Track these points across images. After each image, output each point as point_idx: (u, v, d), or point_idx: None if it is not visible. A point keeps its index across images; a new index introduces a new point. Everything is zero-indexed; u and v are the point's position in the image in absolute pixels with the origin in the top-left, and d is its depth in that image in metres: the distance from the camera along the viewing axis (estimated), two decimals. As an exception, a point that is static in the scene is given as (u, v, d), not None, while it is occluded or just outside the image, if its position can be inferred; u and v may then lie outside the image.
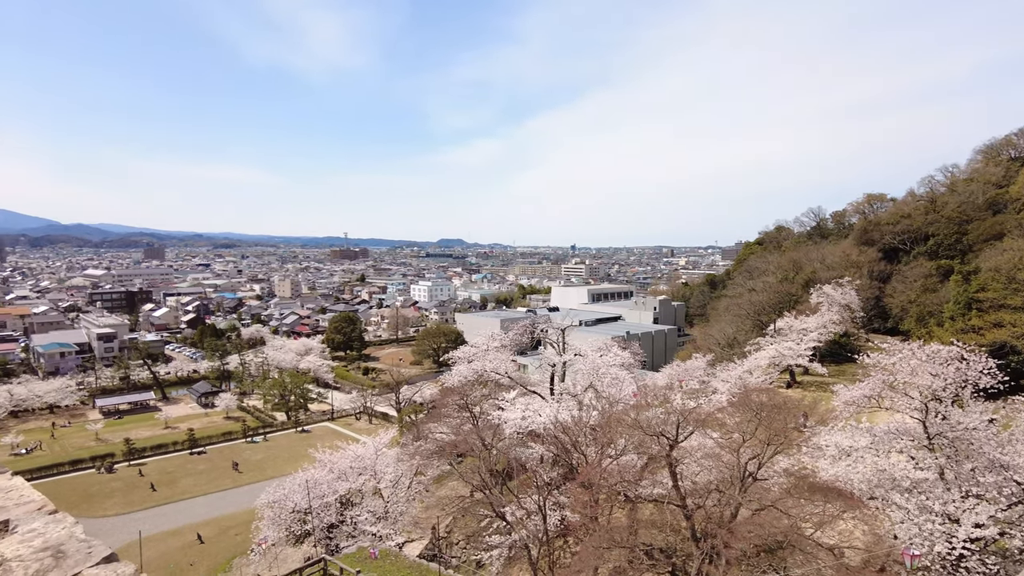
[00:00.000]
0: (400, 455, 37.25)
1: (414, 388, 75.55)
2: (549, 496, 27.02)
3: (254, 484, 51.37)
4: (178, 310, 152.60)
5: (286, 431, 74.11)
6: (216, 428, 73.73)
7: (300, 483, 35.03)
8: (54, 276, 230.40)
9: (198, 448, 65.79)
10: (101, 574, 3.60)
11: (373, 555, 25.93)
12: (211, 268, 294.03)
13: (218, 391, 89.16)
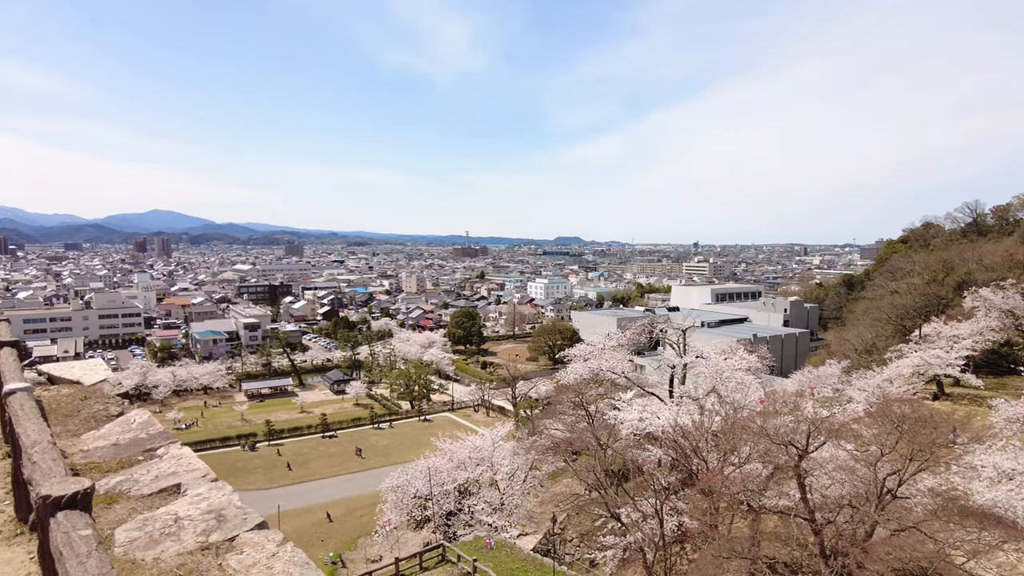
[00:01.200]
0: (516, 449, 37.67)
1: (530, 384, 76.19)
2: (667, 500, 26.31)
3: (379, 469, 53.90)
4: (315, 303, 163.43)
5: (410, 419, 77.23)
6: (346, 414, 78.21)
7: (422, 470, 36.36)
8: (209, 270, 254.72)
9: (330, 432, 70.05)
10: (255, 539, 3.93)
11: (489, 545, 26.43)
12: (345, 264, 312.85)
13: (349, 379, 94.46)
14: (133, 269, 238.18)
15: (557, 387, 51.73)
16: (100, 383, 8.73)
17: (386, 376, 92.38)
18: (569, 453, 33.27)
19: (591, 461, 29.29)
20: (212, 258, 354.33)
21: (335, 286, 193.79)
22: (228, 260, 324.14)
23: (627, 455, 32.25)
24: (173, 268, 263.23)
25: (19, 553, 4.32)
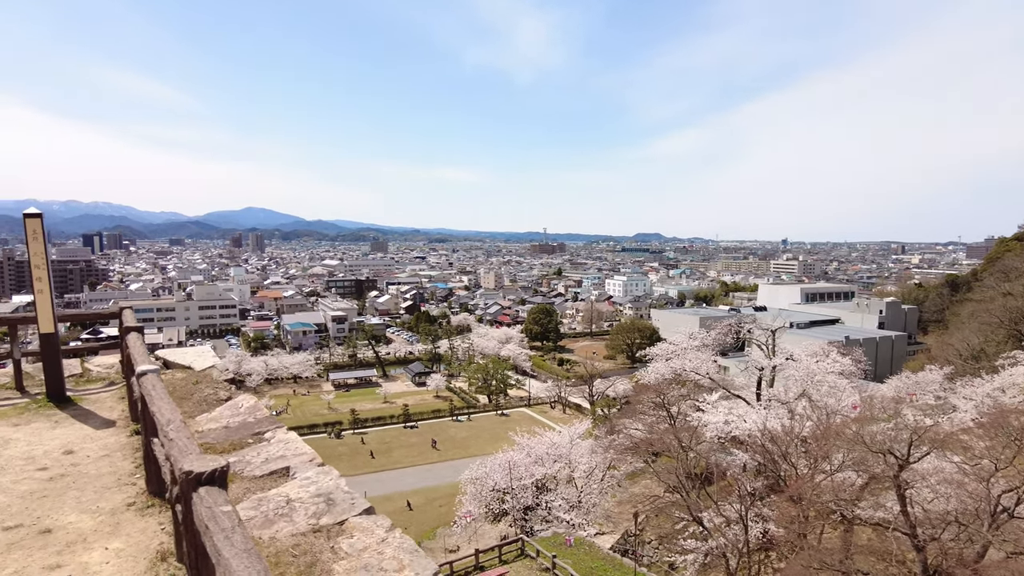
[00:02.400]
0: (594, 447, 37.38)
1: (607, 382, 75.41)
2: (751, 506, 25.46)
3: (457, 460, 54.81)
4: (398, 297, 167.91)
5: (487, 413, 78.11)
6: (427, 405, 79.99)
7: (501, 463, 36.68)
8: (299, 265, 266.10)
9: (411, 423, 71.86)
10: (365, 523, 4.09)
11: (568, 542, 26.40)
12: (426, 260, 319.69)
13: (429, 372, 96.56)
14: (230, 263, 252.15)
15: (636, 386, 50.95)
16: (209, 369, 9.29)
17: (465, 370, 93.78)
18: (649, 454, 32.75)
19: (672, 463, 28.71)
20: (302, 253, 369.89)
21: (417, 281, 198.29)
22: (317, 255, 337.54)
23: (710, 458, 31.41)
24: (266, 263, 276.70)
25: (151, 523, 4.66)
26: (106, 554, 4.23)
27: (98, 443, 6.48)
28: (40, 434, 6.79)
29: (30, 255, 7.61)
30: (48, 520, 4.74)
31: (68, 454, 6.17)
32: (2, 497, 5.15)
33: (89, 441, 6.54)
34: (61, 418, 7.37)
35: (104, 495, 5.18)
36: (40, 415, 7.48)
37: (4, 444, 6.47)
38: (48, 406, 7.78)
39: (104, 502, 5.04)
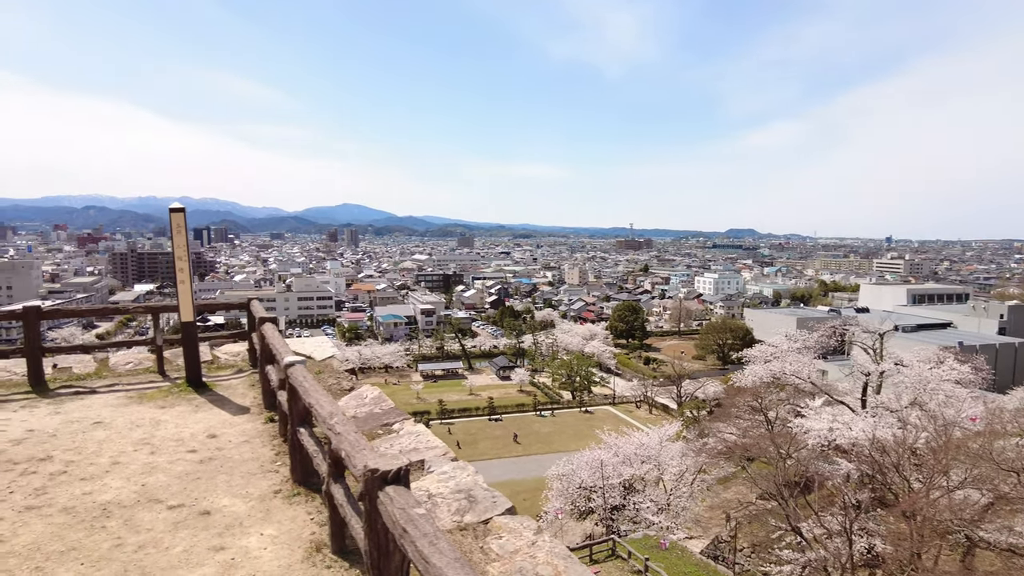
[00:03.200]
0: (685, 450, 36.45)
1: (696, 383, 73.27)
2: (856, 519, 24.03)
3: (541, 455, 54.81)
4: (483, 292, 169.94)
5: (571, 409, 77.69)
6: (511, 399, 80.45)
7: (588, 461, 36.34)
8: (391, 259, 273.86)
9: (495, 415, 72.53)
10: (511, 524, 4.01)
11: (663, 545, 25.83)
12: (511, 256, 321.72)
13: (513, 366, 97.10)
14: (326, 257, 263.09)
15: (728, 388, 49.24)
16: (329, 359, 9.59)
17: (548, 365, 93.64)
18: (743, 459, 31.57)
19: (767, 469, 27.54)
20: (394, 248, 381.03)
21: (502, 276, 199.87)
22: (407, 250, 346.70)
23: (810, 466, 29.91)
24: (360, 257, 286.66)
25: (300, 512, 4.80)
26: (262, 540, 4.39)
27: (236, 428, 6.81)
28: (185, 417, 7.22)
29: (174, 247, 8.10)
30: (205, 502, 4.99)
31: (212, 438, 6.50)
32: (162, 477, 5.48)
33: (228, 426, 6.88)
34: (200, 402, 7.81)
35: (251, 481, 5.41)
36: (182, 399, 7.96)
37: (155, 425, 6.91)
38: (188, 390, 8.27)
39: (252, 488, 5.25)
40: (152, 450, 6.14)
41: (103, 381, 8.91)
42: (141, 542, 4.37)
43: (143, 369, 9.56)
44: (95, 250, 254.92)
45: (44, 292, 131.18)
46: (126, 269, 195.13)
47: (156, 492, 5.18)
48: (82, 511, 4.84)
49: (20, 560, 4.16)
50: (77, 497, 5.08)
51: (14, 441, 6.40)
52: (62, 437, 6.51)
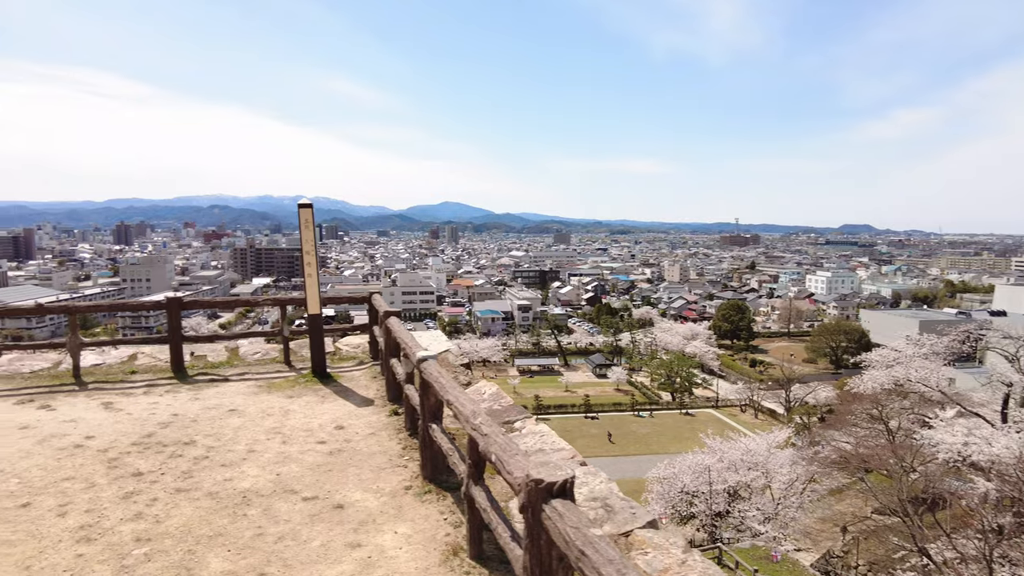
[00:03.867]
0: (795, 457, 34.58)
1: (806, 388, 69.38)
2: (997, 545, 21.79)
3: (639, 456, 53.70)
4: (579, 289, 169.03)
5: (670, 411, 75.70)
6: (607, 397, 79.43)
7: (691, 465, 35.22)
8: (488, 256, 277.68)
9: (591, 413, 71.80)
10: (655, 539, 3.69)
11: (775, 558, 24.57)
12: (608, 252, 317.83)
13: (610, 364, 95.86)
14: (428, 253, 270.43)
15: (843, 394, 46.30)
16: (444, 353, 9.61)
17: (647, 364, 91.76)
18: (858, 470, 29.49)
19: (887, 482, 25.55)
20: (492, 244, 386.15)
21: (598, 273, 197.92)
22: (505, 247, 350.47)
23: (940, 482, 27.48)
24: (459, 253, 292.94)
25: (432, 511, 4.72)
26: (396, 538, 4.33)
27: (362, 420, 6.89)
28: (312, 407, 7.40)
29: (302, 241, 8.36)
30: (338, 495, 5.02)
31: (339, 429, 6.61)
32: (295, 467, 5.59)
33: (354, 418, 6.98)
34: (326, 393, 8.01)
35: (381, 475, 5.41)
36: (309, 389, 8.20)
37: (285, 415, 7.12)
38: (314, 381, 8.52)
39: (382, 482, 5.25)
40: (284, 439, 6.30)
41: (235, 369, 9.36)
42: (280, 533, 4.43)
43: (270, 359, 9.97)
44: (219, 245, 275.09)
45: (176, 284, 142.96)
46: (245, 263, 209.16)
47: (290, 482, 5.28)
48: (224, 497, 4.99)
49: (175, 541, 4.31)
50: (219, 483, 5.26)
51: (162, 424, 6.78)
52: (202, 423, 6.84)
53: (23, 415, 7.13)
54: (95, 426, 6.71)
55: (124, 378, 8.82)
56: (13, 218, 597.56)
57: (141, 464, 5.63)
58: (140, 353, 9.98)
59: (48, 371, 9.17)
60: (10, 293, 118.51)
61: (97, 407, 7.41)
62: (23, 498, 4.96)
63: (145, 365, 9.48)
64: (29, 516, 4.65)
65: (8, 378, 8.79)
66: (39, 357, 9.71)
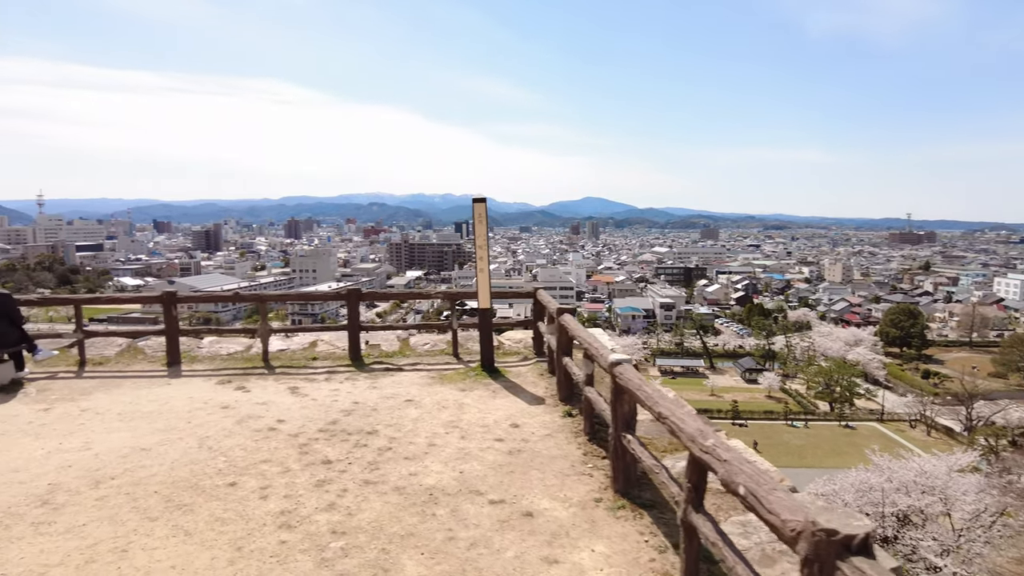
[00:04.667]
0: (983, 485, 30.49)
1: (994, 406, 61.22)
2: None
3: (789, 468, 50.07)
4: (728, 287, 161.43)
5: (827, 422, 70.10)
6: (757, 404, 75.09)
7: (854, 483, 32.26)
8: (630, 252, 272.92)
9: (739, 420, 68.20)
10: None
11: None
12: (760, 249, 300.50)
13: (761, 369, 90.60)
14: (568, 249, 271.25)
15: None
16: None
17: (802, 371, 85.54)
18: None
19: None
20: (633, 240, 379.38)
21: (749, 271, 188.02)
22: (647, 243, 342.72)
23: None
24: (600, 249, 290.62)
25: (630, 530, 4.32)
26: (595, 557, 3.99)
27: (536, 420, 6.66)
28: (485, 402, 7.31)
29: (475, 236, 8.33)
30: (525, 501, 4.78)
31: (515, 427, 6.42)
32: (477, 465, 5.45)
33: (528, 416, 6.77)
34: (496, 388, 7.90)
35: (565, 482, 5.11)
36: (479, 383, 8.14)
37: (460, 408, 7.08)
38: (483, 375, 8.47)
39: (569, 491, 4.95)
40: (462, 434, 6.22)
41: (407, 359, 9.56)
42: (472, 539, 4.24)
43: (438, 351, 10.10)
44: (376, 240, 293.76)
45: (338, 275, 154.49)
46: (400, 257, 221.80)
47: (474, 482, 5.12)
48: (411, 493, 4.93)
49: (368, 537, 4.27)
50: (405, 477, 5.22)
51: (345, 411, 6.97)
52: (382, 412, 6.94)
53: (223, 395, 7.67)
54: (284, 410, 7.04)
55: (306, 364, 9.31)
56: (205, 214, 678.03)
57: (329, 452, 5.76)
58: (320, 340, 10.51)
59: (241, 354, 9.91)
60: (202, 280, 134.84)
61: (285, 391, 7.82)
62: (230, 476, 5.22)
63: (324, 352, 9.96)
64: (236, 496, 4.86)
65: (210, 359, 9.61)
66: (233, 341, 10.54)
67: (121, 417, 6.77)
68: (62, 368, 9.03)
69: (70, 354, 9.64)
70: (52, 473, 5.27)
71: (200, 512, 4.58)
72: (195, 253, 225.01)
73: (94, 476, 5.21)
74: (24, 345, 8.37)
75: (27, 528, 4.36)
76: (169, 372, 8.85)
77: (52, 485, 5.03)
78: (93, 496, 4.83)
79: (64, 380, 8.42)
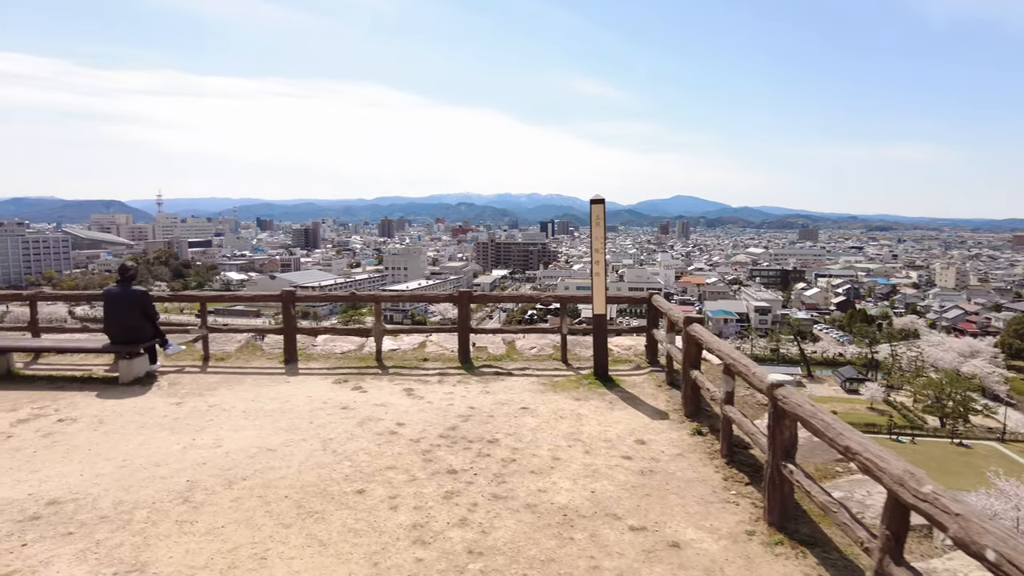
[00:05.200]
0: None
1: None
2: None
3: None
4: (828, 291, 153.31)
5: (938, 439, 64.99)
6: (858, 416, 70.71)
7: (979, 510, 29.67)
8: (722, 253, 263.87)
9: (843, 433, 64.46)
10: None
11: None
12: (863, 251, 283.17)
13: (863, 379, 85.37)
14: (656, 249, 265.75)
15: None
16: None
17: (910, 382, 79.81)
18: None
19: None
20: (726, 241, 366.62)
21: (851, 274, 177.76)
22: (741, 243, 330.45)
23: None
24: (690, 249, 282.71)
25: (792, 570, 3.87)
26: (758, 604, 3.59)
27: (663, 437, 6.27)
28: (603, 414, 6.96)
29: (592, 239, 8.01)
30: (668, 529, 4.41)
31: (640, 444, 6.05)
32: (608, 485, 5.12)
33: (652, 432, 6.38)
34: (613, 399, 7.54)
35: (709, 510, 4.70)
36: (594, 392, 7.81)
37: (578, 419, 6.77)
38: (597, 384, 8.12)
39: (714, 520, 4.54)
40: (585, 449, 5.91)
41: (515, 364, 9.36)
42: (618, 569, 3.90)
43: (546, 355, 9.85)
44: (464, 239, 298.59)
45: (427, 273, 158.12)
46: (486, 256, 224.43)
47: (609, 504, 4.80)
48: (544, 512, 4.66)
49: (507, 560, 4.01)
50: (534, 493, 4.96)
51: (462, 417, 6.82)
52: (499, 419, 6.75)
53: (342, 395, 7.71)
54: (402, 412, 6.98)
55: (418, 365, 9.29)
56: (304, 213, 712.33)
57: (453, 460, 5.60)
58: (428, 341, 10.50)
59: (354, 353, 10.03)
60: (301, 276, 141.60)
61: (400, 393, 7.78)
62: (357, 483, 5.14)
63: (434, 353, 9.92)
64: (366, 505, 4.75)
65: (325, 357, 9.78)
66: (346, 340, 10.69)
67: (246, 415, 6.91)
68: (188, 362, 9.43)
69: (195, 348, 10.08)
70: (189, 470, 5.38)
71: (332, 521, 4.50)
72: (295, 250, 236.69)
73: (227, 476, 5.27)
74: (157, 340, 8.77)
75: (172, 526, 4.42)
76: (287, 369, 9.05)
77: (190, 482, 5.13)
78: (228, 497, 4.87)
79: (191, 374, 8.76)
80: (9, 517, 4.54)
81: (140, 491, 4.97)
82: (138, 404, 7.34)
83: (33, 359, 9.55)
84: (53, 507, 4.68)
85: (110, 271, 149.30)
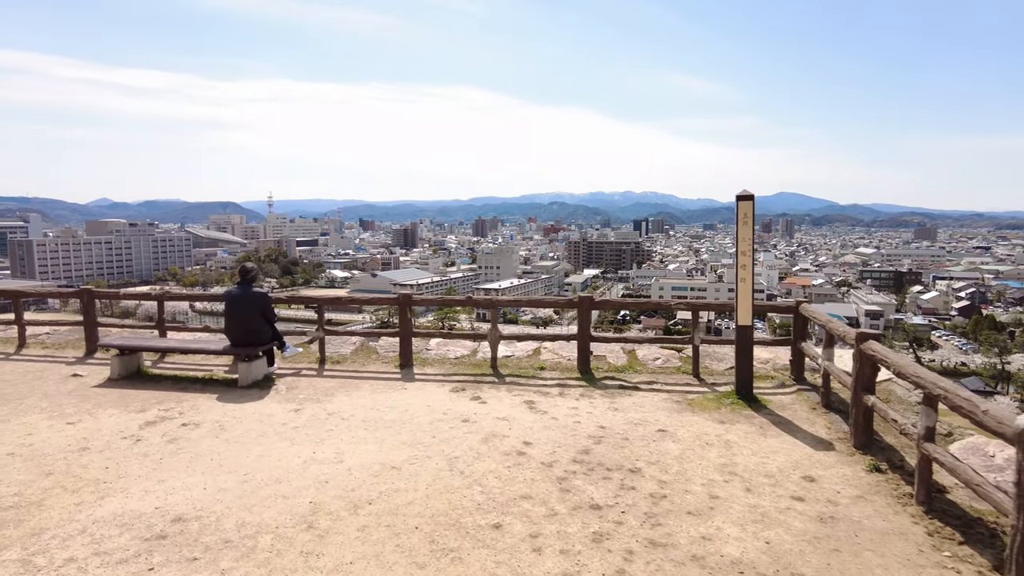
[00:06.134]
0: None
1: None
2: None
3: None
4: (948, 295, 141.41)
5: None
6: (993, 434, 64.50)
7: None
8: (829, 252, 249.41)
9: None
10: None
11: None
12: (991, 252, 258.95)
13: (992, 392, 77.62)
14: (759, 248, 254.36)
15: None
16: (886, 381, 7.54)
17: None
18: None
19: None
20: (833, 240, 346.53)
21: (976, 277, 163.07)
22: (850, 242, 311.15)
23: None
24: (795, 248, 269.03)
25: None
26: None
27: (833, 472, 5.37)
28: (756, 442, 6.11)
29: (737, 240, 7.16)
30: None
31: (809, 481, 5.19)
32: (784, 535, 4.31)
33: (819, 467, 5.49)
34: (762, 423, 6.67)
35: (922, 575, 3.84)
36: (739, 414, 6.96)
37: (727, 447, 5.97)
38: (740, 404, 7.27)
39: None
40: (746, 486, 5.11)
41: (639, 376, 8.64)
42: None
43: (672, 367, 9.05)
44: (555, 239, 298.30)
45: (519, 272, 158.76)
46: (578, 255, 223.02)
47: (792, 561, 3.97)
48: (715, 568, 3.88)
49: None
50: (697, 541, 4.22)
51: (593, 438, 6.19)
52: (635, 443, 6.07)
53: (461, 405, 7.29)
54: (527, 429, 6.44)
55: (535, 374, 8.75)
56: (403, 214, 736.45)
57: (594, 492, 4.97)
58: (543, 348, 9.96)
59: (468, 359, 9.64)
60: (400, 274, 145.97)
61: (521, 406, 7.25)
62: (491, 515, 4.61)
63: (550, 361, 9.35)
64: (505, 544, 4.19)
65: (439, 362, 9.44)
66: (458, 344, 10.34)
67: (365, 425, 6.60)
68: (304, 365, 9.34)
69: (311, 350, 10.01)
70: (311, 489, 5.05)
71: (471, 563, 3.96)
72: (394, 249, 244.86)
73: (351, 498, 4.89)
74: (275, 342, 8.70)
75: (297, 558, 4.02)
76: (402, 375, 8.76)
77: (313, 504, 4.78)
78: (354, 525, 4.46)
79: (307, 378, 8.62)
80: (137, 534, 4.33)
81: (263, 512, 4.66)
82: (257, 410, 7.20)
83: (160, 358, 9.78)
84: (178, 525, 4.44)
85: (225, 268, 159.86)
